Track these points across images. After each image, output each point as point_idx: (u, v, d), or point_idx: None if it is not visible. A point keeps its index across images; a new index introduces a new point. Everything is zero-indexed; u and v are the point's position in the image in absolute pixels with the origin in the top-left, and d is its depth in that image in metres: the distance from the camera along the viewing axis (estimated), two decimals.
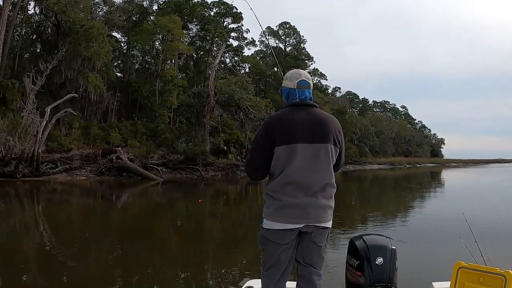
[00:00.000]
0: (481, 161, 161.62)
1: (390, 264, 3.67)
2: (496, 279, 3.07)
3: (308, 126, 3.03)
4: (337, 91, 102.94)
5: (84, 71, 37.72)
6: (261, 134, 3.07)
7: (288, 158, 2.95)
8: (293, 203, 2.94)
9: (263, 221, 3.06)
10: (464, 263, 3.28)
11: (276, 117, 3.10)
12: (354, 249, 3.82)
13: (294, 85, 3.20)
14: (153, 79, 47.69)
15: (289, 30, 74.52)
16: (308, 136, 3.00)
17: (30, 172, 27.82)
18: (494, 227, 12.56)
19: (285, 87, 3.27)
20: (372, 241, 3.84)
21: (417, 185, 36.60)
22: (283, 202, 2.94)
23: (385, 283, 3.62)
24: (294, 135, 2.97)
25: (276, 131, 2.99)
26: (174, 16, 46.39)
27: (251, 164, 3.15)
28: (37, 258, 8.95)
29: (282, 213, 2.95)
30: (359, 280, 3.70)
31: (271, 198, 3.00)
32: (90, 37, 36.85)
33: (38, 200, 20.97)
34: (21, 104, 30.14)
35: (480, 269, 3.22)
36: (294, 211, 2.95)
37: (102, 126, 40.48)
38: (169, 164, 36.87)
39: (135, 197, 23.62)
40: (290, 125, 2.99)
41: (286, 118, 3.03)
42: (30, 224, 13.72)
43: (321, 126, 3.08)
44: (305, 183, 2.97)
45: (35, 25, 44.08)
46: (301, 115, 3.06)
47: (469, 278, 3.22)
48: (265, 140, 3.02)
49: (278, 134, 2.97)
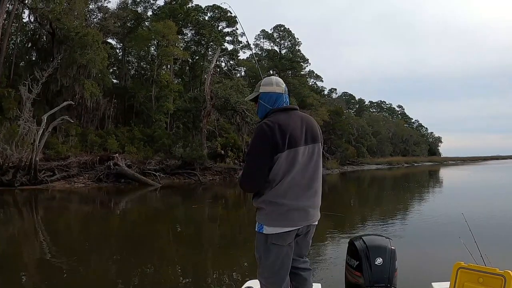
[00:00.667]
0: (479, 158, 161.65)
1: (389, 264, 3.69)
2: (495, 280, 3.08)
3: (303, 129, 3.08)
4: (333, 92, 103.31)
5: (80, 78, 37.64)
6: (261, 142, 3.00)
7: (291, 162, 2.97)
8: (297, 206, 2.98)
9: (261, 228, 3.03)
10: (464, 263, 3.29)
11: (273, 123, 3.00)
12: (354, 249, 3.85)
13: (282, 90, 3.23)
14: (149, 84, 47.61)
15: (283, 32, 74.54)
16: (305, 138, 3.06)
17: (28, 180, 27.77)
18: (494, 227, 12.59)
19: (272, 92, 3.21)
20: (372, 241, 3.86)
21: (415, 184, 36.63)
22: (287, 207, 2.96)
23: (385, 283, 3.64)
24: (295, 139, 3.00)
25: (277, 137, 2.94)
26: (169, 22, 46.36)
27: (251, 175, 3.04)
28: (36, 266, 8.91)
29: (287, 217, 2.97)
30: (359, 281, 3.72)
31: (272, 204, 2.97)
32: (85, 44, 36.79)
33: (36, 208, 20.93)
34: (17, 113, 30.05)
35: (479, 269, 3.23)
36: (298, 214, 3.00)
37: (99, 132, 40.40)
38: (167, 169, 36.81)
39: (133, 203, 23.60)
40: (290, 129, 3.00)
41: (284, 123, 3.01)
42: (29, 232, 13.67)
43: (311, 127, 3.15)
44: (307, 185, 3.04)
45: (30, 33, 43.95)
46: (294, 119, 3.09)
47: (468, 278, 3.23)
48: (266, 148, 2.96)
49: (280, 140, 2.94)
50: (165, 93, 46.28)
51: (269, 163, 2.96)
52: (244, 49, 65.79)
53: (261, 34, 75.11)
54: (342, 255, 4.14)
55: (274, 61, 73.14)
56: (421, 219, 15.08)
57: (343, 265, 4.00)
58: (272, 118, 3.08)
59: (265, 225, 3.01)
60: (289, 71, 73.19)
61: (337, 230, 11.32)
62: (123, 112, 49.31)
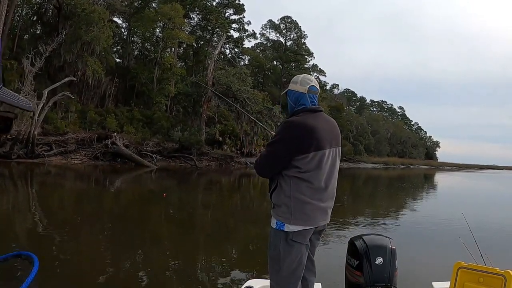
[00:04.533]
0: (475, 166, 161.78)
1: (390, 264, 3.67)
2: (495, 279, 3.08)
3: (328, 131, 3.10)
4: (335, 88, 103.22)
5: (83, 55, 37.51)
6: (284, 137, 3.02)
7: (318, 163, 2.98)
8: (320, 206, 3.02)
9: (282, 225, 3.01)
10: (464, 263, 3.29)
11: (300, 123, 3.03)
12: (354, 249, 3.83)
13: (305, 90, 3.20)
14: (152, 66, 47.49)
15: (290, 24, 74.32)
16: (330, 141, 3.08)
17: (25, 153, 27.77)
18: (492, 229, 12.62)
19: (294, 90, 3.23)
20: (372, 241, 3.84)
21: (410, 185, 36.67)
22: (313, 206, 2.98)
23: (385, 283, 3.62)
24: (323, 141, 3.01)
25: (303, 137, 2.96)
26: (176, 4, 46.13)
27: (268, 166, 3.12)
28: (27, 238, 8.90)
29: (310, 215, 2.99)
30: (359, 280, 3.70)
31: (299, 202, 2.97)
32: (91, 21, 36.61)
33: (31, 182, 20.92)
34: (18, 86, 29.92)
35: (480, 269, 3.23)
36: (320, 213, 3.04)
37: (98, 111, 40.32)
38: (164, 152, 36.89)
39: (128, 183, 23.60)
40: (318, 131, 3.00)
41: (312, 125, 3.01)
42: (22, 205, 13.64)
43: (335, 130, 3.20)
44: (329, 186, 3.08)
45: (36, 6, 43.67)
46: (320, 121, 3.10)
47: (469, 278, 3.23)
48: (287, 142, 2.98)
49: (306, 140, 2.95)
50: (168, 76, 46.17)
51: (287, 159, 2.98)
52: (250, 38, 65.66)
53: (268, 24, 74.94)
54: (342, 254, 4.12)
55: (278, 52, 73.00)
56: (420, 219, 15.12)
57: (343, 264, 3.97)
58: (300, 117, 3.08)
59: (287, 223, 2.99)
60: (293, 63, 72.99)
61: (338, 230, 11.29)
62: (124, 92, 49.17)
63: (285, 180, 3.00)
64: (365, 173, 57.25)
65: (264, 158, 3.11)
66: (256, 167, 3.17)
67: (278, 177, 3.04)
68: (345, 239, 6.37)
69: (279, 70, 71.15)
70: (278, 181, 3.04)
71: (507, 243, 10.94)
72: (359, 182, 40.17)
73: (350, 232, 11.07)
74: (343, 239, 10.00)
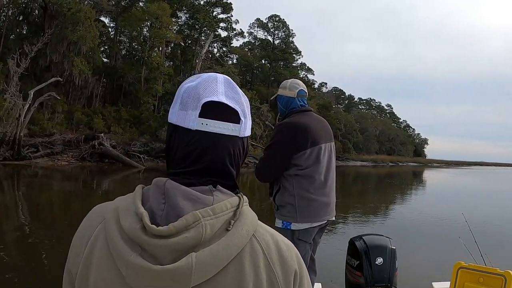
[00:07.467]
0: (463, 163, 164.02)
1: (390, 264, 3.70)
2: (496, 280, 3.08)
3: (320, 128, 3.25)
4: (323, 86, 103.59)
5: (69, 55, 37.26)
6: (280, 140, 3.16)
7: (316, 159, 3.11)
8: (323, 202, 3.13)
9: (289, 224, 3.07)
10: (464, 263, 3.29)
11: (293, 123, 3.17)
12: (354, 249, 3.86)
13: (294, 94, 3.35)
14: (139, 66, 47.31)
15: (278, 23, 74.41)
16: (324, 137, 3.23)
17: (11, 155, 27.48)
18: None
19: (283, 95, 3.38)
20: (372, 241, 3.88)
21: (401, 184, 36.87)
22: (317, 202, 3.08)
23: (385, 283, 3.65)
24: (317, 137, 3.15)
25: (297, 136, 3.09)
26: (164, 3, 45.99)
27: (269, 169, 3.23)
28: (15, 241, 8.81)
29: (315, 212, 3.08)
30: (359, 280, 3.72)
31: (304, 199, 3.06)
32: (77, 20, 36.32)
33: (18, 184, 20.71)
34: (4, 86, 29.56)
35: (480, 269, 3.23)
36: (324, 209, 3.14)
37: (85, 111, 40.10)
38: (152, 152, 36.75)
39: (116, 184, 23.45)
40: (311, 129, 3.13)
41: (304, 123, 3.16)
42: (9, 208, 13.48)
43: (326, 127, 3.38)
44: (329, 180, 3.20)
45: (22, 6, 43.31)
46: (311, 119, 3.25)
47: (469, 278, 3.22)
48: (284, 145, 3.11)
49: (302, 139, 3.08)
50: (155, 75, 45.94)
51: (288, 159, 3.08)
52: (238, 37, 65.64)
53: (256, 22, 74.97)
54: (342, 254, 4.08)
55: (267, 51, 73.07)
56: (420, 218, 15.16)
57: (344, 264, 3.99)
58: (292, 118, 3.24)
59: (293, 221, 3.06)
60: (281, 62, 73.16)
61: (337, 230, 11.27)
62: (111, 92, 48.96)
63: (287, 180, 3.09)
64: (354, 170, 57.43)
65: (264, 161, 3.27)
66: (257, 172, 3.28)
67: (280, 179, 3.13)
68: (345, 239, 6.30)
69: (268, 69, 71.28)
70: (281, 182, 3.14)
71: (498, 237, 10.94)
72: (349, 180, 40.25)
73: (350, 232, 11.02)
74: (343, 239, 9.95)
